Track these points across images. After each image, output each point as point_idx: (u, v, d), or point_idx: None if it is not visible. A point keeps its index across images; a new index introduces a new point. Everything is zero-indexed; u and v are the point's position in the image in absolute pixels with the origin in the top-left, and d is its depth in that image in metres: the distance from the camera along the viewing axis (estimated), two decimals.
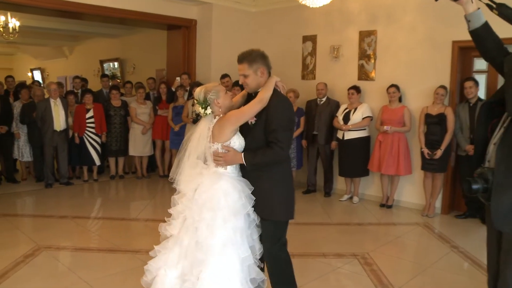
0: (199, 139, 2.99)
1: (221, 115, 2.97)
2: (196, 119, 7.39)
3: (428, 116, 6.10)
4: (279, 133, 2.86)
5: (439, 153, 5.96)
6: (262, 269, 3.05)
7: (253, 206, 2.92)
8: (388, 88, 6.48)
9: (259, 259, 3.02)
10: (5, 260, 4.40)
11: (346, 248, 4.89)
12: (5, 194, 7.23)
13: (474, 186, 2.32)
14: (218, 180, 2.89)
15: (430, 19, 6.33)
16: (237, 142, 2.93)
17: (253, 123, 2.95)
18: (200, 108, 2.99)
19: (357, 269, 4.33)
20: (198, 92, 3.02)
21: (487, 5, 2.33)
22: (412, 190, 6.65)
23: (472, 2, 2.37)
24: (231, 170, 2.96)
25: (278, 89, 3.02)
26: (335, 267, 4.39)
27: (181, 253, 2.92)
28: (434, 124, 6.05)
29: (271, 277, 3.11)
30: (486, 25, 2.41)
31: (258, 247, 2.98)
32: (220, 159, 2.90)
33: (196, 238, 2.84)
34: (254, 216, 2.93)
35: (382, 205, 6.69)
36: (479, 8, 2.39)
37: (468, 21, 2.43)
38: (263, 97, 2.88)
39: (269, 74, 3.04)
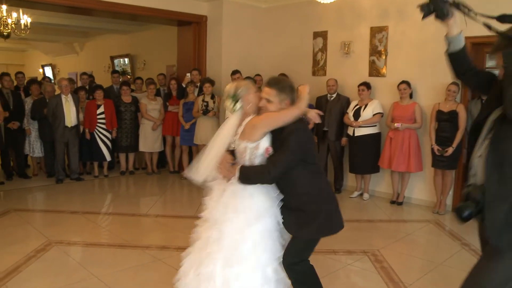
0: (226, 135, 2.97)
1: (251, 113, 2.93)
2: (206, 110, 7.41)
3: (439, 113, 6.04)
4: (281, 157, 2.75)
5: (450, 150, 5.92)
6: None
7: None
8: (399, 85, 6.43)
9: None
10: (17, 254, 4.44)
11: (357, 245, 4.87)
12: (16, 190, 7.30)
13: (465, 214, 2.10)
14: None
15: None
16: (267, 144, 2.87)
17: (271, 154, 2.85)
18: (229, 103, 2.94)
19: (367, 266, 4.32)
20: (229, 87, 2.98)
21: (485, 24, 2.15)
22: (422, 187, 6.61)
23: (474, 16, 2.20)
24: None
25: (305, 119, 2.90)
26: (345, 264, 4.38)
27: (205, 252, 2.92)
28: (445, 121, 6.00)
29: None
30: (464, 48, 2.32)
31: None
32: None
33: (221, 240, 2.82)
34: (280, 218, 2.88)
35: (392, 202, 6.65)
36: (461, 31, 2.29)
37: (448, 43, 2.32)
38: (301, 106, 2.81)
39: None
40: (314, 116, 2.97)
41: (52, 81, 12.09)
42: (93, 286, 3.82)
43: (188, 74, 8.28)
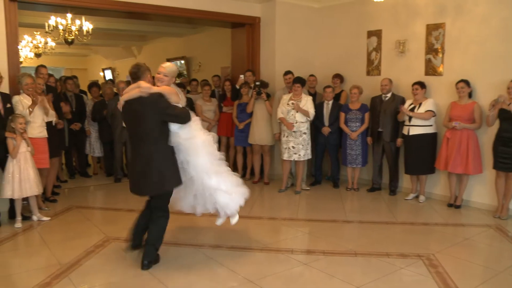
0: None
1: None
2: (260, 91, 7.43)
3: (502, 112, 5.75)
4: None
5: None
6: None
7: None
8: (457, 83, 6.21)
9: None
10: (78, 249, 4.67)
11: (411, 249, 4.75)
12: (78, 188, 7.64)
13: None
14: None
15: (504, 9, 6.00)
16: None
17: None
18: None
19: (422, 271, 4.19)
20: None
21: None
22: (482, 190, 6.33)
23: None
24: None
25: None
26: (399, 267, 4.27)
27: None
28: (508, 120, 5.70)
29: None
30: None
31: None
32: None
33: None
34: None
35: (450, 205, 6.42)
36: None
37: None
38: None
39: None
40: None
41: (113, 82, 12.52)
42: (147, 282, 3.94)
43: (242, 76, 8.35)
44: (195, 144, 4.21)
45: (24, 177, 5.37)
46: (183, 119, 4.17)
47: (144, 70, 4.32)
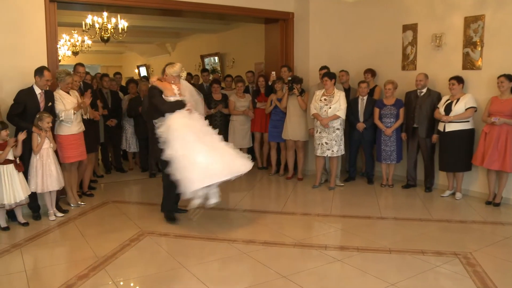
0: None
1: None
2: (292, 87, 7.42)
3: None
4: None
5: None
6: None
7: None
8: (498, 78, 6.02)
9: None
10: (114, 242, 4.78)
11: (447, 246, 4.65)
12: (114, 183, 7.80)
13: None
14: None
15: None
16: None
17: None
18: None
19: (458, 269, 4.10)
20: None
21: None
22: None
23: None
24: None
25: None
26: (434, 265, 4.19)
27: None
28: None
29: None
30: None
31: None
32: None
33: None
34: None
35: (488, 203, 6.24)
36: None
37: None
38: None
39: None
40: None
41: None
42: (181, 276, 4.00)
43: (273, 72, 8.35)
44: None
45: (46, 172, 5.54)
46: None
47: None
